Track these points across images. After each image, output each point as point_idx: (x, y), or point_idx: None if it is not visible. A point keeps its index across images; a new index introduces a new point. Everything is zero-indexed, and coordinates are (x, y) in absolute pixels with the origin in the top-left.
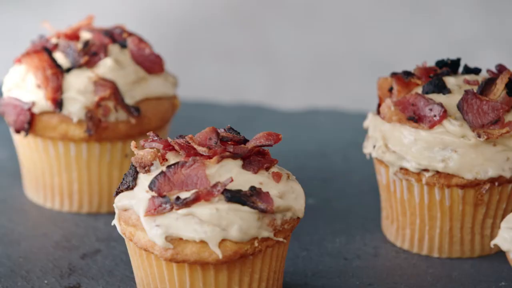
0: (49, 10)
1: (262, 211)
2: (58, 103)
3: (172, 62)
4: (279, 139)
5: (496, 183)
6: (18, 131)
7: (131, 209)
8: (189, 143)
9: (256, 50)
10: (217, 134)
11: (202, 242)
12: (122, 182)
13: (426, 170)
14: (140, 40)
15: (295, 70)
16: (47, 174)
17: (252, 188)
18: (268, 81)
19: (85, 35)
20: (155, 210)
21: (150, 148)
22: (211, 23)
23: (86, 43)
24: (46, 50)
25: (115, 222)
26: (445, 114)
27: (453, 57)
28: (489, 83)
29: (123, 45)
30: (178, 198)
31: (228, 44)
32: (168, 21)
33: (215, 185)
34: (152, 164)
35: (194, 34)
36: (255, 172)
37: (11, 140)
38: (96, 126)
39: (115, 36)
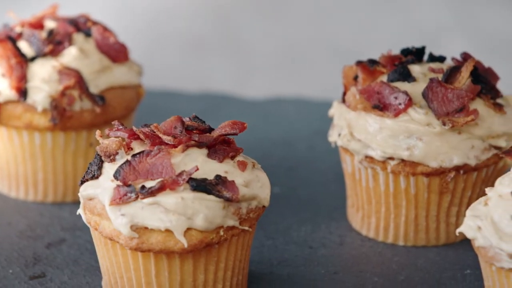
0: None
1: (228, 200)
2: (23, 92)
3: (137, 50)
4: (244, 127)
5: (461, 171)
6: None
7: (96, 198)
8: (154, 132)
9: (221, 39)
10: (182, 123)
11: (168, 231)
12: (87, 171)
13: (391, 158)
14: (105, 29)
15: (260, 59)
16: (11, 163)
17: (218, 177)
18: (234, 70)
19: (50, 24)
20: (120, 199)
21: (115, 137)
22: (176, 12)
23: (51, 32)
24: (10, 39)
25: (80, 211)
26: (410, 102)
27: (418, 45)
28: (454, 71)
29: (88, 34)
30: (143, 187)
31: (193, 32)
32: (133, 10)
33: (180, 174)
34: (117, 153)
35: (159, 22)
36: (221, 161)
37: None
38: (60, 115)
39: (80, 25)
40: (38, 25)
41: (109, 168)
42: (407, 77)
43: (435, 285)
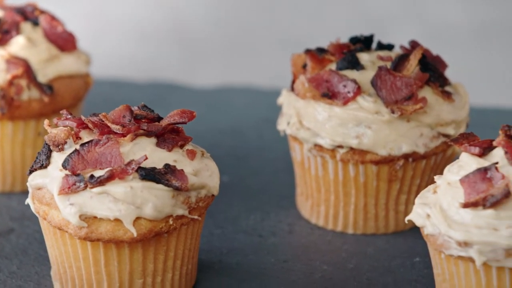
0: None
1: (177, 189)
2: None
3: (85, 39)
4: (193, 116)
5: (410, 159)
6: None
7: (45, 188)
8: (103, 121)
9: (169, 27)
10: (131, 112)
11: (117, 220)
12: (35, 161)
13: (340, 146)
14: (53, 18)
15: (209, 47)
16: None
17: (167, 166)
18: (182, 58)
19: None
20: (69, 189)
21: (64, 126)
22: (123, 0)
23: None
24: None
25: (28, 201)
26: (359, 91)
27: (367, 33)
28: (403, 59)
29: (35, 23)
30: (92, 176)
31: (141, 21)
32: None
33: (129, 163)
34: (65, 143)
35: (107, 10)
36: (169, 150)
37: None
38: (8, 105)
39: (27, 14)
40: None
41: (57, 158)
42: (356, 65)
43: (384, 273)
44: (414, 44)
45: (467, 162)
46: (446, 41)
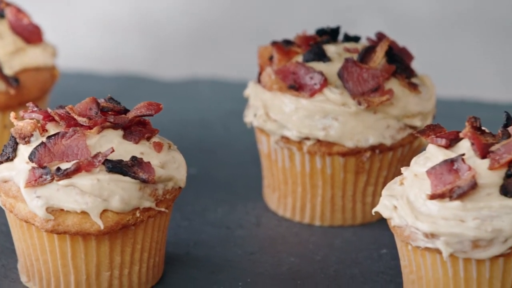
0: None
1: (144, 181)
2: None
3: (51, 32)
4: (159, 108)
5: (377, 151)
6: None
7: (11, 181)
8: (69, 114)
9: (135, 19)
10: (98, 104)
11: (84, 213)
12: (1, 154)
13: (307, 138)
14: (18, 10)
15: (175, 39)
16: None
17: (133, 158)
18: (149, 51)
19: None
20: (35, 181)
21: (30, 119)
22: None
23: None
24: None
25: None
26: (325, 82)
27: (333, 25)
28: (369, 51)
29: (1, 15)
30: (58, 169)
31: (108, 13)
32: None
33: (96, 156)
34: (32, 135)
35: (73, 2)
36: (136, 142)
37: None
38: None
39: None
40: None
41: (24, 150)
42: (322, 57)
43: (351, 265)
44: (380, 36)
45: (433, 153)
46: (412, 32)
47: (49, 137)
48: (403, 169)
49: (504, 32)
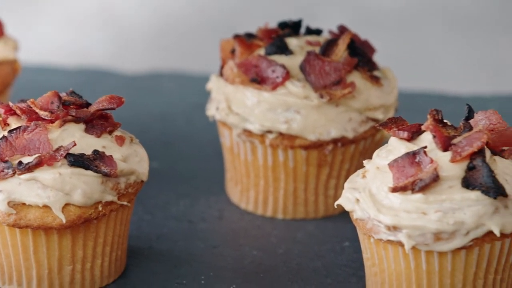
0: None
1: (106, 175)
2: None
3: (12, 25)
4: (121, 102)
5: (339, 144)
6: None
7: None
8: (31, 108)
9: (97, 12)
10: (59, 98)
11: (46, 207)
12: None
13: (269, 131)
14: None
15: (137, 32)
16: None
17: (95, 152)
18: (111, 44)
19: None
20: None
21: None
22: None
23: None
24: None
25: None
26: (287, 76)
27: (295, 18)
28: (331, 44)
29: None
30: (20, 163)
31: (70, 7)
32: None
33: (57, 150)
34: None
35: None
36: (98, 136)
37: None
38: None
39: None
40: None
41: None
42: (284, 50)
43: (314, 258)
44: (342, 29)
45: (395, 146)
46: (374, 25)
47: (10, 131)
48: (365, 162)
49: (466, 25)
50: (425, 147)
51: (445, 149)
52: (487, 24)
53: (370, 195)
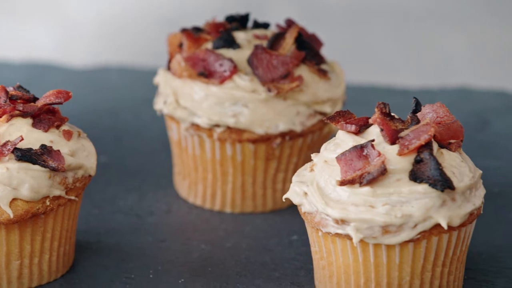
0: None
1: (53, 170)
2: None
3: None
4: (69, 96)
5: (287, 137)
6: None
7: None
8: None
9: (44, 6)
10: (6, 92)
11: None
12: None
13: (217, 125)
14: None
15: (85, 26)
16: None
17: (43, 146)
18: (58, 38)
19: None
20: None
21: None
22: None
23: None
24: None
25: None
26: (235, 69)
27: (242, 12)
28: (278, 37)
29: None
30: None
31: (16, 0)
32: None
33: (4, 144)
34: None
35: None
36: (46, 131)
37: None
38: None
39: None
40: None
41: None
42: (232, 44)
43: (262, 252)
44: (289, 23)
45: (343, 139)
46: (321, 19)
47: None
48: (313, 156)
49: (413, 19)
50: (373, 140)
51: (393, 142)
52: (434, 18)
53: (318, 189)
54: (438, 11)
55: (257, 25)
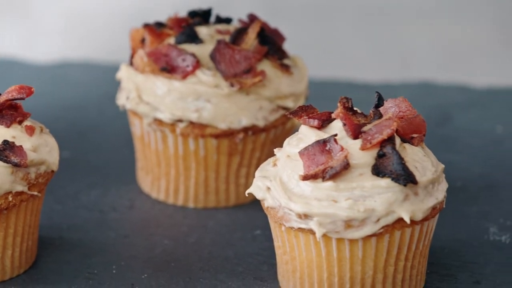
0: None
1: (16, 165)
2: None
3: None
4: (31, 92)
5: (250, 132)
6: None
7: None
8: None
9: (7, 1)
10: None
11: None
12: None
13: (180, 120)
14: None
15: (47, 21)
16: None
17: (5, 142)
18: (21, 34)
19: None
20: None
21: None
22: None
23: None
24: None
25: None
26: (198, 64)
27: (205, 7)
28: (241, 32)
29: None
30: None
31: None
32: None
33: None
34: None
35: None
36: (8, 126)
37: None
38: None
39: None
40: None
41: None
42: (194, 39)
43: (225, 247)
44: (252, 18)
45: (306, 134)
46: (283, 14)
47: None
48: (276, 150)
49: (375, 13)
50: (336, 135)
51: (355, 136)
52: (396, 13)
53: (281, 184)
54: (400, 5)
55: (219, 20)
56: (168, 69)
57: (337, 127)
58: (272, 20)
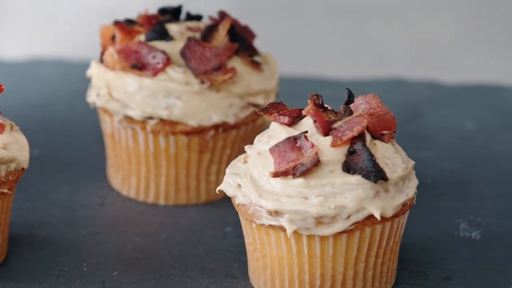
0: None
1: None
2: None
3: None
4: (1, 89)
5: (220, 129)
6: None
7: None
8: None
9: None
10: None
11: None
12: None
13: (150, 117)
14: None
15: (17, 18)
16: None
17: None
18: None
19: None
20: None
21: None
22: None
23: None
24: None
25: None
26: (168, 62)
27: (175, 4)
28: (211, 29)
29: None
30: None
31: None
32: None
33: None
34: None
35: None
36: None
37: None
38: None
39: None
40: None
41: None
42: (165, 36)
43: (196, 244)
44: (222, 15)
45: (276, 131)
46: (254, 11)
47: None
48: (246, 147)
49: (345, 10)
50: (306, 132)
51: (326, 133)
52: (366, 9)
53: (252, 180)
54: (370, 2)
55: (190, 17)
56: (139, 66)
57: (307, 124)
58: (243, 17)
